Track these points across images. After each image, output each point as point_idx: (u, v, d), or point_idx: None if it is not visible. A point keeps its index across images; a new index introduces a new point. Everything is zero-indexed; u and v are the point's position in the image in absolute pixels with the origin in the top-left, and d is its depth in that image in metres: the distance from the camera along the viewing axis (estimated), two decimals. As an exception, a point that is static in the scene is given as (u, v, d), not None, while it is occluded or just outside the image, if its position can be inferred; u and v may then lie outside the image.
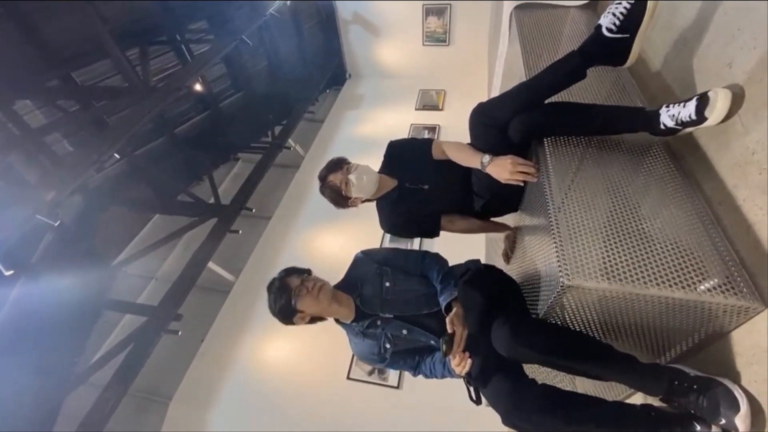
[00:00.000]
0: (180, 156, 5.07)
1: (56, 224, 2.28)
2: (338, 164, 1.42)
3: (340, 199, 1.40)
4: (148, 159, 4.67)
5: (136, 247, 4.54)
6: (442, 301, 1.22)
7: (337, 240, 4.13)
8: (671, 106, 1.06)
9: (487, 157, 1.21)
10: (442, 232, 1.55)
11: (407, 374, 3.30)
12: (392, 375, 3.39)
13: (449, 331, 1.12)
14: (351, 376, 3.44)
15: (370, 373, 3.47)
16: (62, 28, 3.55)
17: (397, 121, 5.72)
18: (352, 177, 1.37)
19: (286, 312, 1.23)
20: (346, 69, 6.91)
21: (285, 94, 6.12)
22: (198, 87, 3.86)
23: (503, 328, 0.95)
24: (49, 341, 3.23)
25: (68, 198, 3.38)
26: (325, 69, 6.62)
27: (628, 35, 1.07)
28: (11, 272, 2.22)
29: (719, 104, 0.92)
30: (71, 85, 3.82)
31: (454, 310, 1.17)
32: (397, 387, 3.34)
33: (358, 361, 3.51)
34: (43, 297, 3.11)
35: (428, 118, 5.81)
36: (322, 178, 1.43)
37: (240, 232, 4.24)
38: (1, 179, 3.19)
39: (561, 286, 0.85)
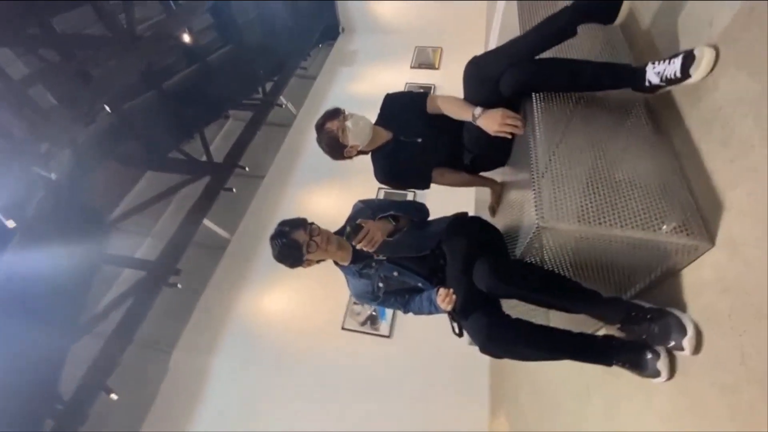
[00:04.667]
0: (169, 111, 4.96)
1: (53, 177, 2.29)
2: (335, 113, 1.46)
3: (336, 146, 1.45)
4: (136, 113, 4.57)
5: (129, 205, 4.55)
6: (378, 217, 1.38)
7: (332, 197, 4.21)
8: (657, 63, 1.11)
9: (478, 110, 1.27)
10: (434, 186, 1.63)
11: (398, 324, 3.56)
12: (383, 325, 3.61)
13: (362, 225, 1.25)
14: (345, 326, 3.65)
15: (363, 323, 3.68)
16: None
17: (391, 80, 5.61)
18: (348, 123, 1.43)
19: (295, 263, 1.31)
20: (340, 23, 6.64)
21: (275, 48, 5.89)
22: (186, 38, 3.71)
23: (484, 266, 1.06)
24: (51, 295, 3.31)
25: (56, 154, 3.35)
26: (317, 22, 6.35)
27: (618, -8, 1.10)
28: (14, 224, 2.26)
29: (704, 62, 0.97)
30: (51, 34, 3.64)
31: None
32: (389, 336, 3.55)
33: (351, 312, 3.72)
34: (42, 252, 3.16)
35: (424, 76, 5.70)
36: (319, 126, 1.47)
37: (234, 190, 4.28)
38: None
39: (536, 227, 0.95)
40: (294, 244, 1.26)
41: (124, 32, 3.52)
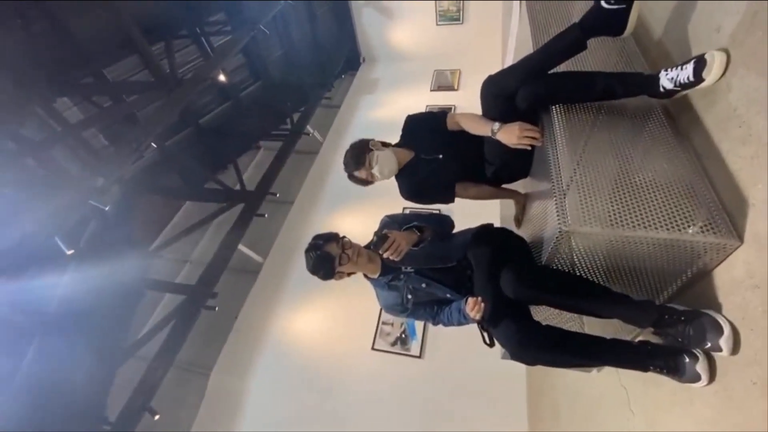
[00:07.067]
0: (205, 145, 5.32)
1: (106, 208, 2.52)
2: (359, 159, 1.56)
3: (367, 184, 1.61)
4: (176, 149, 4.94)
5: (169, 233, 4.84)
6: (403, 228, 1.42)
7: (359, 218, 4.31)
8: (669, 69, 1.14)
9: (497, 125, 1.33)
10: (461, 202, 1.69)
11: (429, 344, 3.53)
12: (414, 345, 3.58)
13: (388, 235, 1.30)
14: (375, 347, 3.65)
15: (393, 344, 3.67)
16: (90, 27, 3.74)
17: (412, 104, 5.78)
18: (375, 172, 1.55)
19: (327, 275, 1.37)
20: (360, 53, 6.97)
21: (301, 81, 6.26)
22: (222, 78, 4.03)
23: (510, 273, 1.09)
24: (99, 320, 3.52)
25: (108, 188, 3.65)
26: (339, 54, 6.70)
27: (624, 6, 1.16)
28: (72, 251, 2.48)
29: (716, 66, 1.00)
30: (103, 82, 4.06)
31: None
32: (419, 356, 3.52)
33: (382, 333, 3.73)
34: (92, 279, 3.39)
35: (444, 99, 5.85)
36: (349, 173, 1.61)
37: (266, 215, 4.47)
38: (48, 171, 3.48)
39: (560, 232, 0.99)
40: (327, 256, 1.33)
41: (167, 76, 3.88)
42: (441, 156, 1.57)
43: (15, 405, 2.72)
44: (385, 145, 1.64)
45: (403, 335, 3.67)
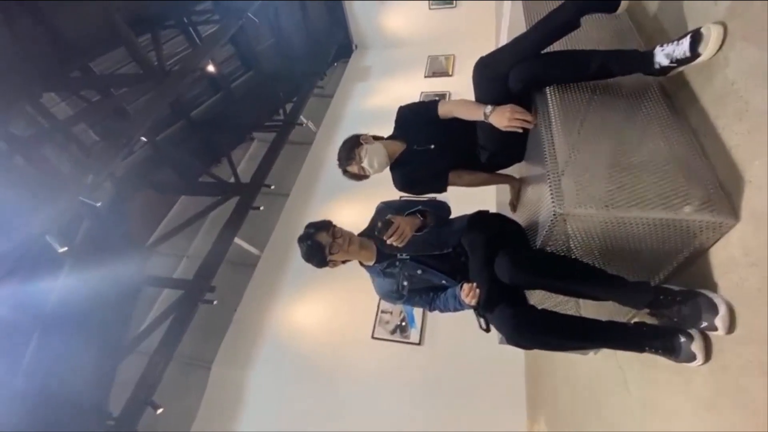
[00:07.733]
0: (198, 139, 5.25)
1: (98, 204, 2.49)
2: (350, 154, 1.54)
3: (360, 178, 1.60)
4: (168, 143, 4.87)
5: (165, 229, 4.81)
6: (406, 213, 1.40)
7: (354, 208, 4.29)
8: (665, 45, 1.11)
9: (489, 108, 1.30)
10: (456, 190, 1.66)
11: (428, 331, 3.55)
12: (413, 333, 3.60)
13: (392, 221, 1.27)
14: (375, 335, 3.67)
15: (393, 332, 3.69)
16: (75, 20, 3.64)
17: (406, 91, 5.71)
18: (365, 165, 1.53)
19: (320, 264, 1.36)
20: (352, 40, 6.85)
21: (293, 71, 6.16)
22: (211, 68, 3.95)
23: (505, 258, 1.08)
24: (99, 317, 3.52)
25: (100, 184, 3.61)
26: (330, 42, 6.58)
27: (618, -19, 1.12)
28: (65, 248, 2.45)
29: (712, 39, 0.97)
30: (91, 76, 3.97)
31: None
32: (419, 344, 3.54)
33: (381, 321, 3.74)
34: (90, 277, 3.37)
35: (438, 85, 5.78)
36: (343, 170, 1.60)
37: (261, 208, 4.44)
38: (38, 169, 3.42)
39: (554, 214, 0.97)
40: (318, 245, 1.32)
41: (155, 68, 3.80)
42: (432, 146, 1.54)
43: (19, 403, 2.72)
44: (376, 138, 1.61)
45: (403, 323, 3.69)
